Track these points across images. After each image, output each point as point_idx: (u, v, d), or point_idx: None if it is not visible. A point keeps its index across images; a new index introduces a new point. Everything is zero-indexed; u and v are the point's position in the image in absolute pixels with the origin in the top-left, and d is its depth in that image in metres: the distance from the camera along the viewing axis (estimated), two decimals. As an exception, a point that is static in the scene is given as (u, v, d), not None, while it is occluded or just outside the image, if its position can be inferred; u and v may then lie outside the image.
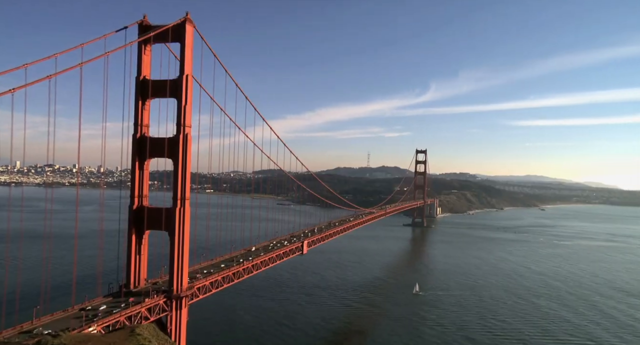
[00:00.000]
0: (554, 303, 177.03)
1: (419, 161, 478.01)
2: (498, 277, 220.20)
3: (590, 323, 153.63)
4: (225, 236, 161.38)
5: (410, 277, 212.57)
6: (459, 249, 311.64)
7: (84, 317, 74.19)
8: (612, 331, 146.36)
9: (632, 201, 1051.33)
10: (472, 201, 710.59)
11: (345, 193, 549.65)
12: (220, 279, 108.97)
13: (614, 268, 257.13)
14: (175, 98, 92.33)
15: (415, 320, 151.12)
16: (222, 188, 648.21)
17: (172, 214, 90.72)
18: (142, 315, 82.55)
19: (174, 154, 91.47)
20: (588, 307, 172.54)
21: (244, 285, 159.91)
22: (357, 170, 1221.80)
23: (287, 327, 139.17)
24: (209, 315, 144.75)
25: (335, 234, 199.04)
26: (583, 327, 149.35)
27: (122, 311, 78.70)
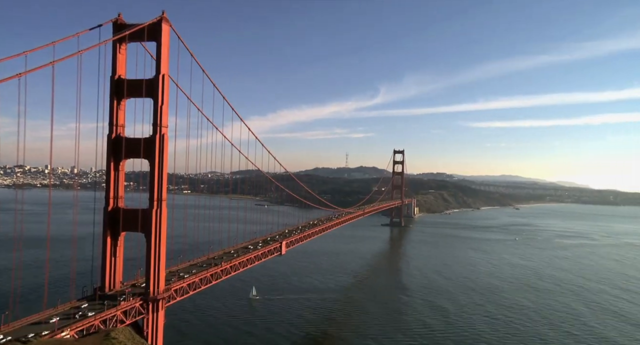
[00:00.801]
0: (530, 301, 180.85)
1: (396, 161, 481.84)
2: (475, 276, 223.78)
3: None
4: (203, 237, 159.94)
5: (385, 278, 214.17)
6: (435, 248, 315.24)
7: (56, 322, 72.53)
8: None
9: (602, 200, 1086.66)
10: (449, 201, 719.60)
11: (324, 193, 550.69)
12: (197, 281, 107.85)
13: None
14: (151, 98, 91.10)
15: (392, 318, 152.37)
16: (200, 189, 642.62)
17: (149, 216, 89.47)
18: (118, 319, 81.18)
19: (150, 154, 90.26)
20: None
21: (222, 286, 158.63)
22: (335, 171, 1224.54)
23: (265, 329, 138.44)
24: (187, 317, 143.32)
25: (314, 234, 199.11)
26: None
27: (96, 314, 77.22)
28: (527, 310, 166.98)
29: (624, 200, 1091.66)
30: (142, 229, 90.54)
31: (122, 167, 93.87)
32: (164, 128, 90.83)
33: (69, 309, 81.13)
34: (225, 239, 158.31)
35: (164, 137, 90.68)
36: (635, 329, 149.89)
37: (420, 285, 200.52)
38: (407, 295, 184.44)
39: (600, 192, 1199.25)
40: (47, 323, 72.66)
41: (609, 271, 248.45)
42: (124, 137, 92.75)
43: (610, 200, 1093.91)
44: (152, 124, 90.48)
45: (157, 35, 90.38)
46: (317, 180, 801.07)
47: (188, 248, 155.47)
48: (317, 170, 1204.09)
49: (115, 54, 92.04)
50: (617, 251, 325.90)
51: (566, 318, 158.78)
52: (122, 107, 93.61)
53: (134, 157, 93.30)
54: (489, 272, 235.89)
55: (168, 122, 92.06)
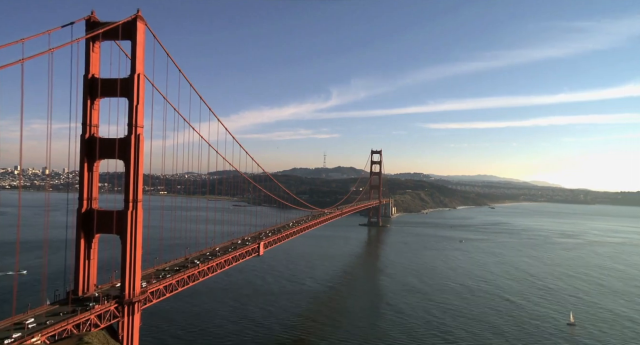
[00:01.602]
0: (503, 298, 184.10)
1: (374, 161, 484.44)
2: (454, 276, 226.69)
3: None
4: (181, 239, 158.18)
5: (361, 279, 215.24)
6: (412, 248, 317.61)
7: (26, 327, 70.56)
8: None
9: (573, 199, 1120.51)
10: (426, 201, 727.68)
11: (302, 193, 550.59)
12: (174, 283, 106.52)
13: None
14: (126, 97, 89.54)
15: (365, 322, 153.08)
16: (176, 190, 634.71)
17: (124, 217, 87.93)
18: (92, 323, 79.52)
19: (126, 155, 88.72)
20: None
21: (199, 288, 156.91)
22: (313, 171, 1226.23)
23: (242, 332, 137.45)
24: (164, 320, 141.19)
25: (292, 234, 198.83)
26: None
27: (69, 319, 75.45)
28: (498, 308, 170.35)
29: (594, 199, 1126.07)
30: (117, 230, 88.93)
31: (96, 168, 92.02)
32: (139, 128, 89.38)
33: (40, 313, 79.08)
34: (203, 240, 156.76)
35: (140, 138, 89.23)
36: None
37: (396, 287, 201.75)
38: (382, 298, 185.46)
39: (572, 191, 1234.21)
40: (16, 329, 70.62)
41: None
42: (98, 137, 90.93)
43: (581, 199, 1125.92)
44: (128, 124, 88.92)
45: (132, 33, 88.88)
46: (295, 180, 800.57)
47: (165, 250, 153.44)
48: (295, 170, 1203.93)
49: (89, 53, 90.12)
50: (600, 249, 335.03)
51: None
52: (95, 107, 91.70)
53: (108, 157, 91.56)
54: (463, 271, 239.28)
55: (144, 122, 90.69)
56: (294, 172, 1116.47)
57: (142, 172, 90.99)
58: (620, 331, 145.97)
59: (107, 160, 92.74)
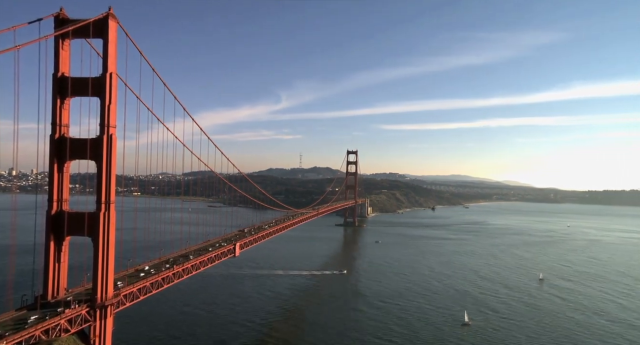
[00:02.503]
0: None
1: (349, 162, 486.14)
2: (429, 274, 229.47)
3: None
4: (155, 240, 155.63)
5: (335, 281, 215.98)
6: (387, 248, 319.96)
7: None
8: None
9: (543, 198, 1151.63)
10: (402, 200, 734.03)
11: (278, 194, 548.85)
12: (148, 285, 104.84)
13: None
14: (98, 97, 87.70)
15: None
16: (150, 190, 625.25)
17: (96, 219, 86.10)
18: (62, 328, 77.57)
19: (98, 155, 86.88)
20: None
21: (174, 290, 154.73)
22: (289, 171, 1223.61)
23: (218, 334, 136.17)
24: (138, 323, 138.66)
25: (268, 235, 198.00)
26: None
27: (37, 324, 73.37)
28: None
29: (563, 198, 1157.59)
30: (89, 232, 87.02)
31: (66, 169, 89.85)
32: (112, 128, 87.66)
33: (5, 319, 76.63)
34: (177, 242, 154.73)
35: (112, 138, 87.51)
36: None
37: (370, 289, 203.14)
38: (356, 299, 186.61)
39: (542, 191, 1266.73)
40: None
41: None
42: (68, 137, 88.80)
43: (551, 198, 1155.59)
44: (100, 124, 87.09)
45: (104, 32, 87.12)
46: (271, 181, 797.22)
47: (139, 252, 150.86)
48: (271, 171, 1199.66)
49: (58, 51, 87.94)
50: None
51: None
52: (66, 106, 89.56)
53: (79, 158, 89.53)
54: (435, 270, 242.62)
55: (116, 121, 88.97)
56: (269, 173, 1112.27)
57: (114, 173, 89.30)
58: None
59: (79, 160, 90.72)
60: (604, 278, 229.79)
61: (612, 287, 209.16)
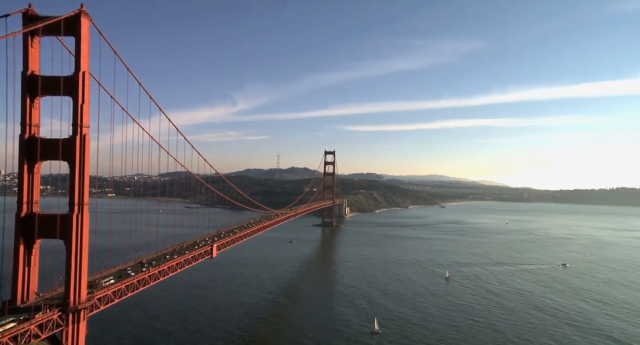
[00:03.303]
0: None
1: (327, 162, 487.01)
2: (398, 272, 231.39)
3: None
4: (130, 242, 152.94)
5: (312, 281, 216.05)
6: (364, 248, 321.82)
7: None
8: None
9: (518, 197, 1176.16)
10: (379, 200, 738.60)
11: (256, 194, 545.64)
12: (124, 288, 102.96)
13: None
14: (70, 96, 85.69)
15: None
16: (125, 192, 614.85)
17: (69, 221, 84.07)
18: (32, 333, 75.52)
19: (70, 156, 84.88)
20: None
21: (151, 292, 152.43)
22: (266, 172, 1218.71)
23: (195, 338, 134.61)
24: (112, 327, 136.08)
25: (246, 236, 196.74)
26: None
27: (4, 331, 71.20)
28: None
29: (536, 197, 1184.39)
30: (61, 235, 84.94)
31: (37, 170, 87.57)
32: (85, 128, 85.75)
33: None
34: (153, 244, 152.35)
35: (86, 138, 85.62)
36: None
37: (348, 291, 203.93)
38: (334, 300, 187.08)
39: (517, 190, 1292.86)
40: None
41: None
42: (39, 137, 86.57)
43: (525, 197, 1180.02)
44: (72, 123, 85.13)
45: (76, 29, 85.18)
46: (249, 181, 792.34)
47: (114, 254, 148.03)
48: (248, 171, 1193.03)
49: (27, 48, 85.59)
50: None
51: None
52: (36, 106, 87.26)
53: (51, 159, 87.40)
54: (412, 269, 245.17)
55: (89, 121, 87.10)
56: (247, 173, 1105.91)
57: (88, 174, 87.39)
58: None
59: (50, 161, 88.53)
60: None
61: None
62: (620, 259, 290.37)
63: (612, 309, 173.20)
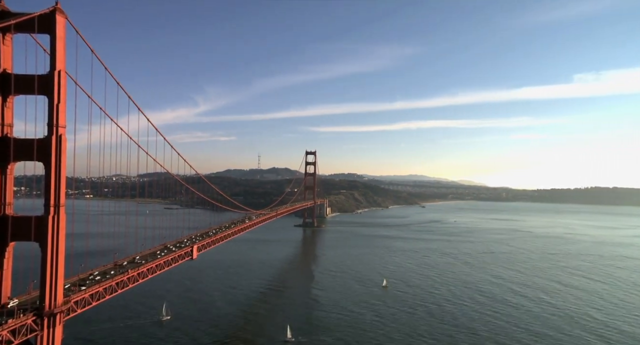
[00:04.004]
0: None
1: (308, 162, 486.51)
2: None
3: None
4: (109, 244, 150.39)
5: (294, 282, 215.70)
6: (345, 249, 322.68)
7: None
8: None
9: (496, 196, 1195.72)
10: (360, 200, 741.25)
11: (236, 195, 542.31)
12: (102, 290, 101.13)
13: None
14: (45, 95, 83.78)
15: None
16: (103, 193, 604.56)
17: (44, 223, 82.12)
18: (4, 339, 73.57)
19: (46, 156, 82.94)
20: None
21: (129, 295, 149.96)
22: (247, 172, 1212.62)
23: (172, 342, 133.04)
24: (89, 331, 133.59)
25: (226, 237, 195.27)
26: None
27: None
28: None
29: (514, 197, 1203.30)
30: (37, 237, 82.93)
31: (10, 171, 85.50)
32: (61, 128, 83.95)
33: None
34: (133, 245, 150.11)
35: (62, 138, 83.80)
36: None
37: (327, 292, 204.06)
38: (315, 302, 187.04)
39: (495, 190, 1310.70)
40: None
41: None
42: (12, 137, 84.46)
43: (503, 197, 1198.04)
44: (48, 123, 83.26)
45: (51, 27, 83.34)
46: (229, 182, 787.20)
47: (92, 256, 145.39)
48: (229, 172, 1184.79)
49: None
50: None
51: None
52: (9, 105, 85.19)
53: (25, 159, 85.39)
54: (391, 268, 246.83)
55: (66, 121, 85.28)
56: (227, 174, 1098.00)
57: (64, 175, 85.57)
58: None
59: (24, 162, 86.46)
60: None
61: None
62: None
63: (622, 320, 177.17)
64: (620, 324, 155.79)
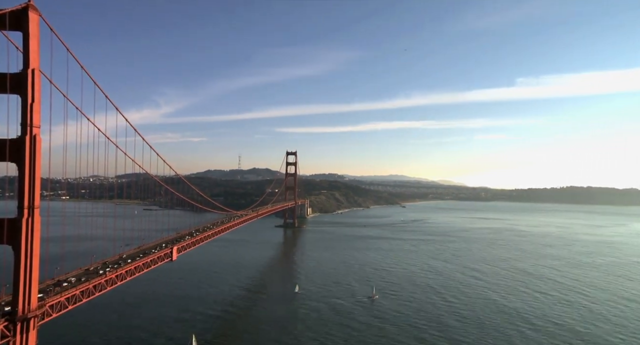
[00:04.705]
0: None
1: (289, 163, 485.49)
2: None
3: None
4: (86, 246, 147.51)
5: (275, 283, 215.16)
6: (326, 249, 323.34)
7: None
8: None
9: (475, 196, 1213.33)
10: (341, 201, 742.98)
11: (217, 196, 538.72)
12: (78, 294, 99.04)
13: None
14: (18, 94, 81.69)
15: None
16: (80, 194, 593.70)
17: (18, 225, 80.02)
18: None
19: (19, 157, 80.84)
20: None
21: (108, 298, 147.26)
22: (228, 173, 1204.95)
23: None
24: (65, 336, 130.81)
25: (206, 238, 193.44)
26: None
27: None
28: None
29: (493, 196, 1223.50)
30: (9, 240, 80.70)
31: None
32: (35, 128, 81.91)
33: None
34: (111, 247, 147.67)
35: (36, 138, 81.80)
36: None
37: (309, 293, 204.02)
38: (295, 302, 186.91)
39: (474, 189, 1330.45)
40: None
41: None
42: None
43: (482, 196, 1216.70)
44: (21, 123, 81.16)
45: (23, 24, 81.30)
46: (210, 182, 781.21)
47: (69, 258, 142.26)
48: (209, 172, 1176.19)
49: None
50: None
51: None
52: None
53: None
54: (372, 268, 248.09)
55: (40, 121, 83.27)
56: (207, 174, 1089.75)
57: (39, 176, 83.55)
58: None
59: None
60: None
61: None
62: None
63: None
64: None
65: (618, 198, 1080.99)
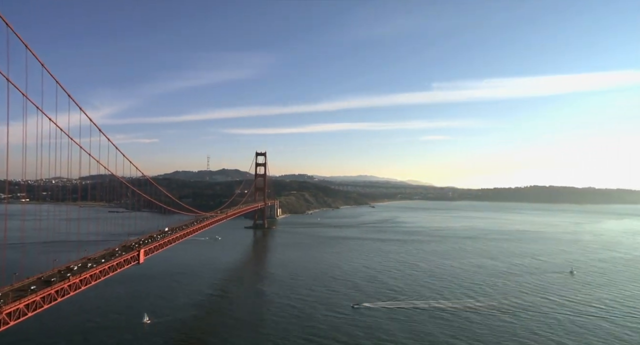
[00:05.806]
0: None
1: (258, 163, 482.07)
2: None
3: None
4: (48, 250, 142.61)
5: (244, 285, 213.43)
6: (296, 250, 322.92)
7: None
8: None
9: (442, 196, 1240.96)
10: (311, 201, 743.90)
11: (185, 197, 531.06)
12: (39, 300, 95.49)
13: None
14: (-26, 92, 78.43)
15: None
16: (42, 196, 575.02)
17: (-27, 229, 76.69)
18: None
19: (-25, 157, 77.55)
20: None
21: (71, 304, 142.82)
22: (196, 174, 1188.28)
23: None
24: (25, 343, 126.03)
25: (175, 240, 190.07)
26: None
27: None
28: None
29: (460, 196, 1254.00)
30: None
31: (-64, 173, 79.24)
32: (-9, 127, 78.77)
33: None
34: (75, 251, 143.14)
35: (-7, 138, 78.66)
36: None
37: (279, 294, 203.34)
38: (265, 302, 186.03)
39: (442, 189, 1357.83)
40: None
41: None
42: (-62, 137, 78.37)
43: (449, 196, 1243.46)
44: (-23, 122, 77.93)
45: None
46: (178, 184, 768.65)
47: (29, 263, 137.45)
48: (177, 173, 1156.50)
49: None
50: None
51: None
52: None
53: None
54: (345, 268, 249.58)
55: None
56: (175, 175, 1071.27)
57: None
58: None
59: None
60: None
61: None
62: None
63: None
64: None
65: (577, 197, 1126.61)
